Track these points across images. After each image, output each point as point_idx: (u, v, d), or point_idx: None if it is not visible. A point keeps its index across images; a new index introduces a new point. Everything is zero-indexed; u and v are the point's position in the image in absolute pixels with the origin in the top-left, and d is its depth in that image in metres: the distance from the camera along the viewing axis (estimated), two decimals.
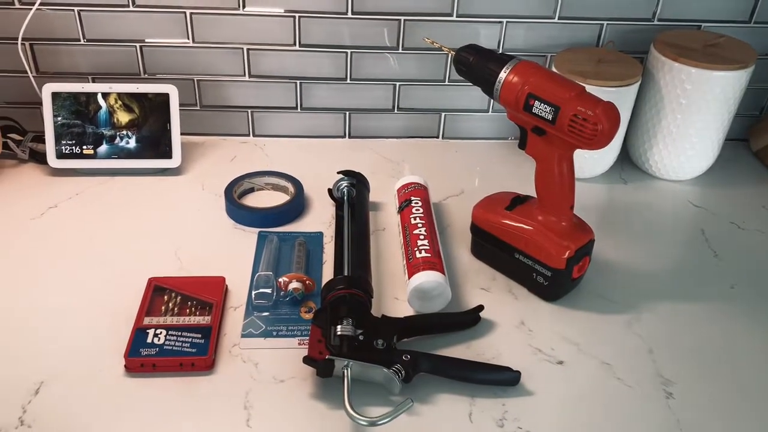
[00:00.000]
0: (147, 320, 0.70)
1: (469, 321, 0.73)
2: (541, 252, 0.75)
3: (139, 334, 0.68)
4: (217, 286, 0.75)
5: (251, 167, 0.95)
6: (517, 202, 0.80)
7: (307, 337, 0.68)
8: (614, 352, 0.72)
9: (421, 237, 0.79)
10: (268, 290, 0.74)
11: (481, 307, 0.74)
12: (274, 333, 0.71)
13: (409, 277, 0.75)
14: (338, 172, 0.90)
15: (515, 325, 0.75)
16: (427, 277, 0.73)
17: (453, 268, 0.82)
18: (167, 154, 0.95)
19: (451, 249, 0.85)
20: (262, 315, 0.73)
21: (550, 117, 0.69)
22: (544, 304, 0.78)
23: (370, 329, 0.68)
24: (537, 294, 0.78)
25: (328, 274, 0.79)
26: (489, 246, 0.81)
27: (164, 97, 0.94)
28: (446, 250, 0.84)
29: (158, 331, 0.68)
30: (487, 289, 0.79)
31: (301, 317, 0.73)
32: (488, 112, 1.07)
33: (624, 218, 0.93)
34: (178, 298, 0.73)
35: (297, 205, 0.90)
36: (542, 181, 0.75)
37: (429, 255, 0.76)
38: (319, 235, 0.86)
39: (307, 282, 0.75)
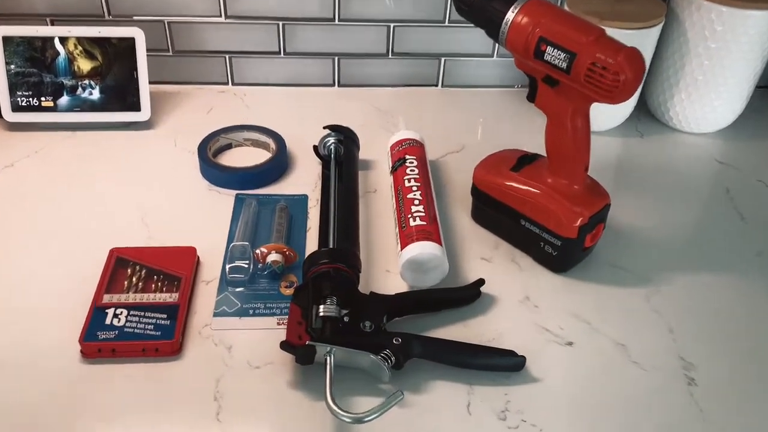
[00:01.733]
0: (107, 298, 0.62)
1: (467, 297, 0.66)
2: (550, 219, 0.67)
3: (97, 314, 0.61)
4: (188, 257, 0.67)
5: (230, 120, 0.86)
6: (524, 161, 0.72)
7: (287, 317, 0.61)
8: (630, 330, 0.65)
9: (416, 202, 0.70)
10: (245, 263, 0.67)
11: (481, 282, 0.66)
12: (251, 311, 0.64)
13: (402, 248, 0.67)
14: (324, 128, 0.81)
15: (519, 300, 0.67)
16: (422, 249, 0.65)
17: (451, 234, 0.74)
18: (135, 106, 0.86)
19: (449, 213, 0.77)
20: (237, 291, 0.65)
21: (564, 65, 0.60)
22: (551, 275, 0.70)
23: (357, 308, 0.60)
24: (544, 264, 0.70)
25: (312, 242, 0.72)
26: (491, 211, 0.73)
27: (130, 42, 0.84)
28: (443, 215, 0.76)
29: (118, 311, 0.61)
30: (488, 258, 0.72)
31: (281, 293, 0.65)
32: (493, 56, 0.97)
33: (640, 176, 0.85)
34: (143, 271, 0.65)
35: (279, 164, 0.81)
36: (553, 139, 0.66)
37: (424, 223, 0.68)
38: (303, 198, 0.77)
39: (287, 253, 0.67)
